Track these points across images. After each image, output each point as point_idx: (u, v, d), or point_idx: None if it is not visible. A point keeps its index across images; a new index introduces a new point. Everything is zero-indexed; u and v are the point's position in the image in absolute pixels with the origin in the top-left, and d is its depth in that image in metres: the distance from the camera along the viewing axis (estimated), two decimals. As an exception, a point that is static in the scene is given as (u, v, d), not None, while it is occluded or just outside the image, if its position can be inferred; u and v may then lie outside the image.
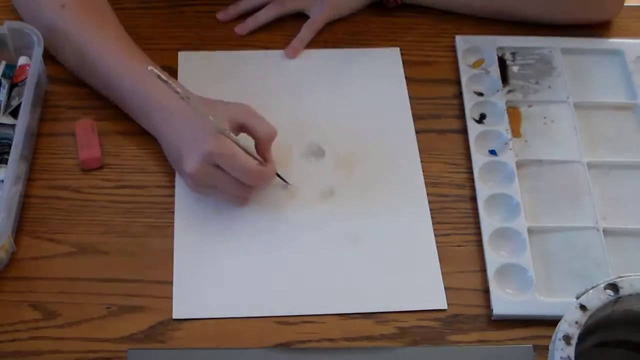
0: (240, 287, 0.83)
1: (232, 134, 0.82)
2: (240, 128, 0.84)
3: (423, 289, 0.83)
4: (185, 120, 0.83)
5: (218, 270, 0.84)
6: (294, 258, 0.85)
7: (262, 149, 0.85)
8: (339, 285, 0.83)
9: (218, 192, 0.85)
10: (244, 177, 0.82)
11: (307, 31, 1.01)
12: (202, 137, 0.81)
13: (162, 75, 0.79)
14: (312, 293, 0.83)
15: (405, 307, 0.82)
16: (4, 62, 0.94)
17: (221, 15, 1.02)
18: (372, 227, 0.87)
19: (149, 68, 0.78)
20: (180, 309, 0.81)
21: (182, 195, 0.88)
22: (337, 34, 1.04)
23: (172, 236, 0.86)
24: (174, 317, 0.80)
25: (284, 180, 0.89)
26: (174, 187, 0.89)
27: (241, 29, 1.01)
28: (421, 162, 0.92)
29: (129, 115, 0.91)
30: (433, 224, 0.88)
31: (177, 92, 0.79)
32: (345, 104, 0.97)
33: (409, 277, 0.84)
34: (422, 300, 0.83)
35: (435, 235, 0.87)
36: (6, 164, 0.83)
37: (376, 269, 0.84)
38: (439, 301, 0.82)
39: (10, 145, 0.85)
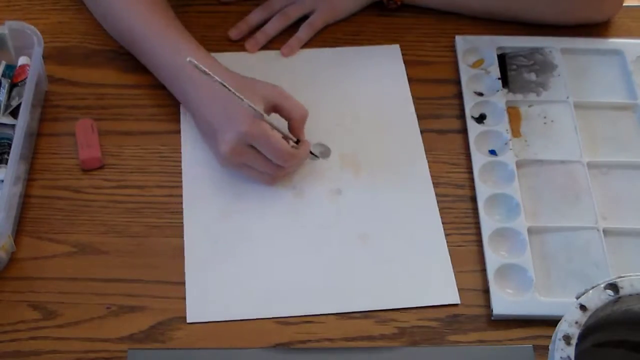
0: (252, 289, 0.82)
1: (267, 116, 0.84)
2: (273, 108, 0.87)
3: (436, 284, 0.83)
4: (221, 99, 0.85)
5: (230, 272, 0.83)
6: (303, 258, 0.85)
7: (296, 129, 0.88)
8: (350, 284, 0.83)
9: (248, 170, 0.87)
10: (277, 158, 0.85)
11: (305, 31, 1.02)
12: (238, 118, 0.83)
13: (202, 67, 0.80)
14: (323, 292, 0.83)
15: (418, 303, 0.82)
16: (4, 62, 0.94)
17: (234, 34, 1.02)
18: (382, 226, 0.87)
19: (188, 60, 0.80)
20: (194, 312, 0.80)
21: (189, 198, 0.88)
22: (337, 34, 1.04)
23: (172, 236, 0.86)
24: (188, 320, 0.80)
25: (315, 155, 0.91)
26: (174, 187, 0.89)
27: (252, 45, 1.01)
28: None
29: (164, 84, 0.93)
30: (434, 223, 0.88)
31: (218, 81, 0.81)
32: (347, 103, 0.97)
33: (420, 274, 0.84)
34: (435, 296, 0.83)
35: (436, 235, 0.87)
36: (6, 164, 0.83)
37: (387, 267, 0.84)
38: (452, 296, 0.83)
39: (10, 145, 0.85)
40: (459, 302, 0.82)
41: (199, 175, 0.90)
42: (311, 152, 0.91)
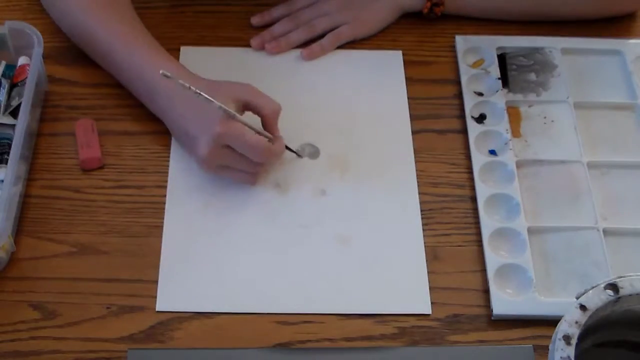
0: (224, 284, 0.83)
1: (239, 116, 0.84)
2: (245, 107, 0.87)
3: (409, 293, 0.83)
4: (191, 105, 0.86)
5: (204, 266, 0.84)
6: (281, 256, 0.85)
7: (269, 125, 0.88)
8: (323, 285, 0.83)
9: (229, 171, 0.88)
10: (254, 154, 0.85)
11: (330, 40, 1.00)
12: (211, 121, 0.84)
13: (174, 77, 0.81)
14: (295, 291, 0.83)
15: (389, 310, 0.82)
16: (4, 62, 0.94)
17: (255, 42, 1.00)
18: (362, 229, 0.87)
19: (161, 72, 0.80)
20: (164, 302, 0.81)
21: (173, 193, 0.89)
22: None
23: (172, 236, 0.86)
24: (157, 309, 0.81)
25: (295, 152, 0.91)
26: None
27: (272, 47, 1.00)
28: (421, 162, 0.92)
29: (135, 96, 0.93)
30: (433, 223, 0.88)
31: (191, 90, 0.81)
32: (343, 105, 0.97)
33: (394, 281, 0.84)
34: (407, 304, 0.82)
35: (436, 235, 0.87)
36: (6, 164, 0.83)
37: (361, 271, 0.84)
38: (424, 306, 0.82)
39: (10, 145, 0.85)
40: (430, 312, 0.82)
41: (184, 171, 0.90)
42: (289, 149, 0.91)
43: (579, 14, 1.04)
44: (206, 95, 0.82)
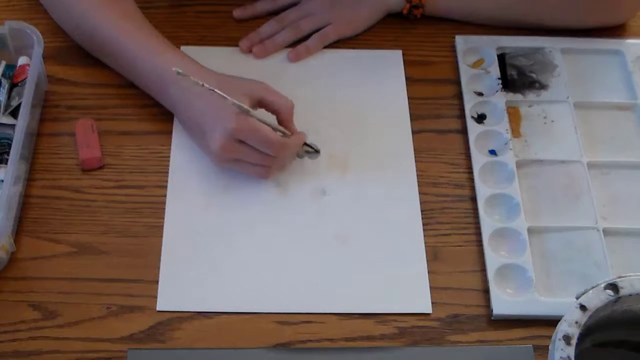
0: (224, 284, 0.83)
1: (253, 111, 0.85)
2: (258, 103, 0.87)
3: (409, 292, 0.83)
4: (205, 99, 0.86)
5: (204, 266, 0.84)
6: (279, 255, 0.85)
7: (285, 122, 0.88)
8: (323, 285, 0.83)
9: (242, 165, 0.88)
10: (268, 148, 0.86)
11: (315, 41, 1.00)
12: (225, 116, 0.84)
13: (188, 75, 0.82)
14: (296, 291, 0.83)
15: (389, 310, 0.82)
16: (4, 62, 0.94)
17: (244, 45, 1.00)
18: (362, 229, 0.87)
19: (174, 69, 0.81)
20: (164, 301, 0.81)
21: (173, 191, 0.89)
22: (337, 33, 1.04)
23: (172, 236, 0.86)
24: (157, 309, 0.81)
25: (313, 149, 0.92)
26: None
27: (260, 51, 1.00)
28: (421, 162, 0.92)
29: (145, 91, 0.93)
30: (433, 224, 0.88)
31: (202, 86, 0.82)
32: (343, 105, 0.97)
33: (395, 280, 0.84)
34: (407, 304, 0.82)
35: (436, 235, 0.87)
36: (6, 164, 0.83)
37: (362, 270, 0.84)
38: (424, 305, 0.82)
39: (10, 145, 0.85)
40: (430, 311, 0.82)
41: (184, 171, 0.90)
42: (308, 145, 0.91)
43: (556, 23, 1.03)
44: (220, 92, 0.82)
